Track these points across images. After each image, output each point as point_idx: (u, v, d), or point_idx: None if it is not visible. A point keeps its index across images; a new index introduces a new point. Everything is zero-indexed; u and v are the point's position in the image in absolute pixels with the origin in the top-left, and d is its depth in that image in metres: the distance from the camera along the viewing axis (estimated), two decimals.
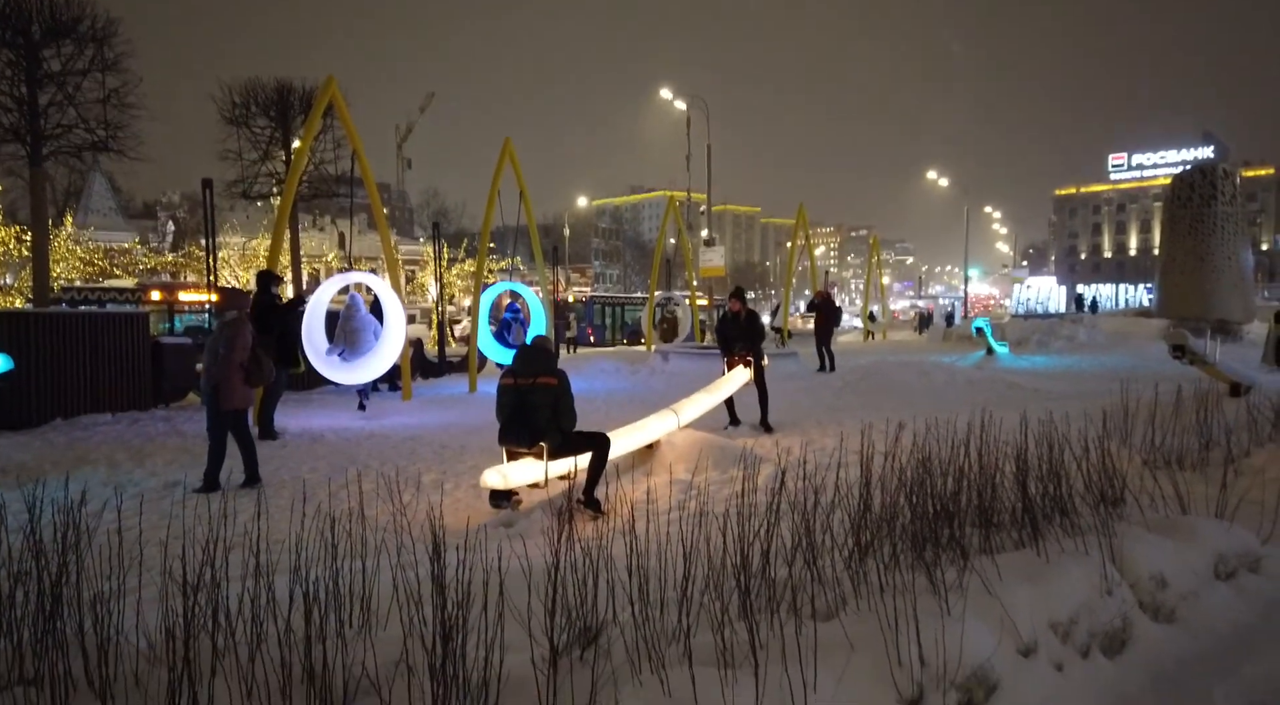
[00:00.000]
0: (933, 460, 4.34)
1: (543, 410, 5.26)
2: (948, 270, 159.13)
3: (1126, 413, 6.85)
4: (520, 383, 5.33)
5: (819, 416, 10.02)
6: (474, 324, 12.89)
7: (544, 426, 5.25)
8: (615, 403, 11.60)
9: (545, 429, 5.26)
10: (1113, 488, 4.46)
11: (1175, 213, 29.66)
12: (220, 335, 6.38)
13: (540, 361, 5.42)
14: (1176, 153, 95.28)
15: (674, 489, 5.93)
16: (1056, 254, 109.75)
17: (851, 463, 4.99)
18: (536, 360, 5.44)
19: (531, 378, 5.31)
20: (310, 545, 2.91)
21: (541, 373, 5.33)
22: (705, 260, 36.62)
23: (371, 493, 6.09)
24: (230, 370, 6.29)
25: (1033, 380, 13.21)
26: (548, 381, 5.30)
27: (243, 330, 6.48)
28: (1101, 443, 4.82)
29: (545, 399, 5.26)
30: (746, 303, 9.32)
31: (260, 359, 6.42)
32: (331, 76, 9.60)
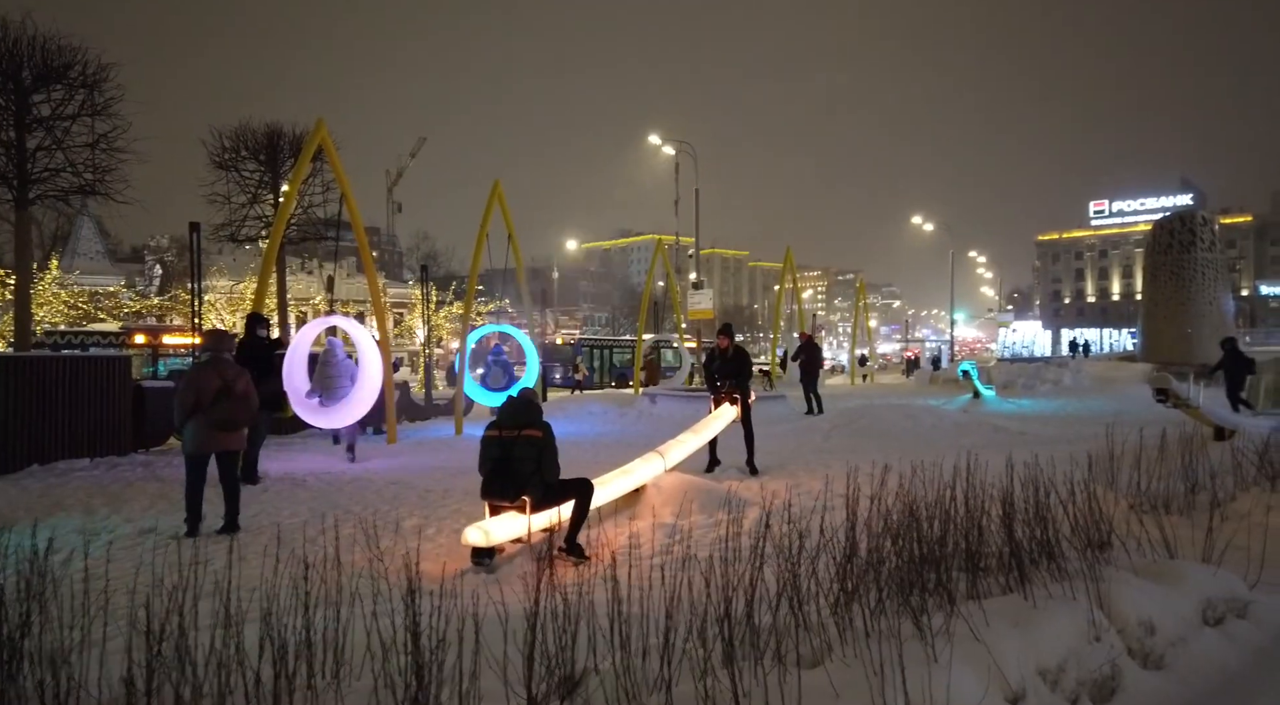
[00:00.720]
0: (919, 504, 4.32)
1: (526, 463, 5.18)
2: (934, 313, 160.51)
3: (1112, 456, 6.85)
4: (505, 435, 5.27)
5: (806, 459, 9.98)
6: (461, 366, 12.86)
7: (527, 479, 5.18)
8: (602, 446, 11.53)
9: (528, 482, 5.19)
10: (1099, 532, 4.44)
11: (1157, 259, 30.21)
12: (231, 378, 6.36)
13: (525, 414, 5.37)
14: (1156, 200, 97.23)
15: (658, 533, 5.86)
16: (1041, 298, 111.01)
17: (837, 506, 4.95)
18: (521, 412, 5.37)
19: (516, 430, 5.25)
20: (283, 593, 2.84)
21: (526, 425, 5.27)
22: (694, 303, 36.82)
23: (351, 538, 6.00)
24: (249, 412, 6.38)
25: (1019, 423, 13.24)
26: (532, 434, 5.23)
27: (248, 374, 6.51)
28: (1088, 486, 4.81)
29: (529, 452, 5.19)
30: (734, 339, 9.34)
31: (241, 401, 6.35)
32: (321, 120, 9.70)
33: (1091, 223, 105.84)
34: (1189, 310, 28.51)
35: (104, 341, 22.39)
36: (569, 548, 5.27)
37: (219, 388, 6.29)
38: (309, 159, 9.84)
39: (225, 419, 6.27)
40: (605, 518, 6.49)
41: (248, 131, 16.90)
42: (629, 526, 6.15)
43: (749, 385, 9.20)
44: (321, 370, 9.84)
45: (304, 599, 2.77)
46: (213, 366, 6.38)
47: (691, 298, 37.49)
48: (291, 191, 9.79)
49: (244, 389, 6.42)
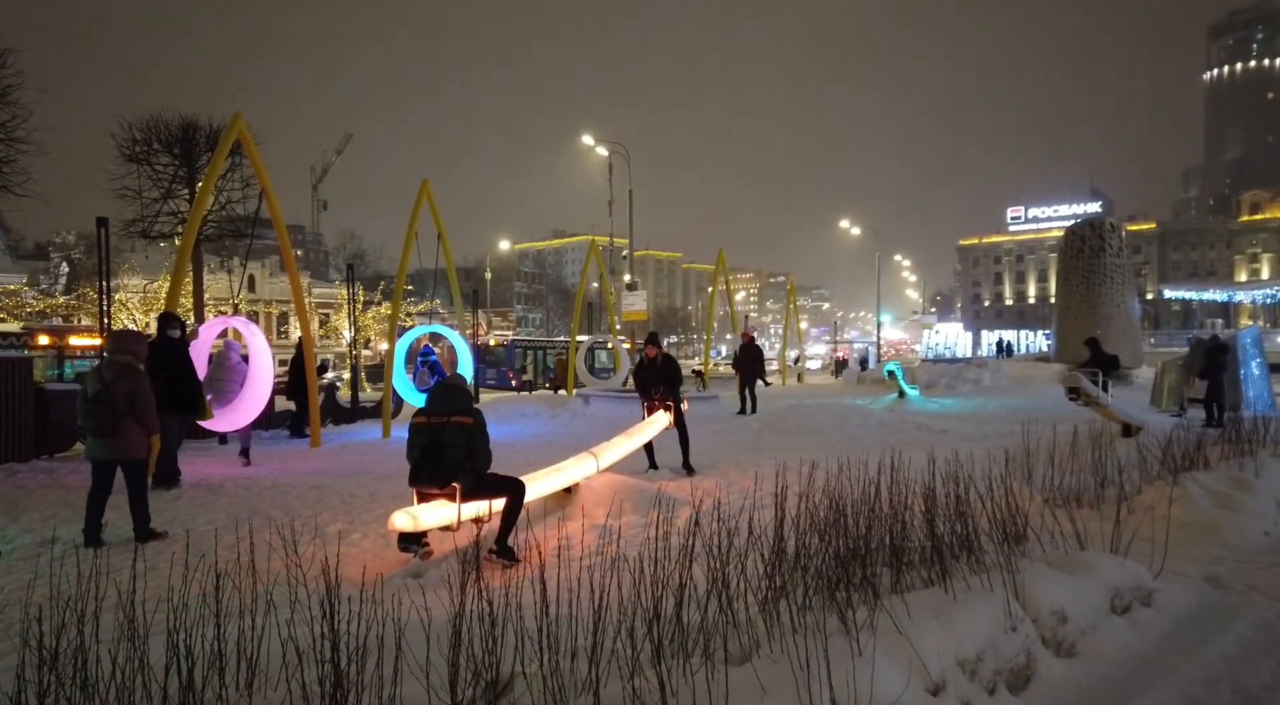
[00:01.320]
0: (845, 500, 4.40)
1: (456, 450, 5.07)
2: (862, 316, 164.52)
3: (1028, 453, 7.12)
4: (434, 421, 5.16)
5: (738, 458, 10.08)
6: (388, 367, 12.57)
7: (457, 467, 5.08)
8: (535, 447, 11.42)
9: (459, 469, 5.08)
10: (1015, 526, 4.60)
11: (1069, 263, 31.55)
12: (109, 379, 5.96)
13: (455, 400, 5.28)
14: (1069, 207, 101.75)
15: (590, 534, 5.81)
16: (962, 301, 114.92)
17: (768, 504, 5.02)
18: (451, 398, 5.27)
19: (445, 416, 5.13)
20: (194, 603, 2.71)
21: (456, 411, 5.16)
22: (628, 304, 36.80)
23: (268, 544, 5.78)
24: (129, 418, 5.89)
25: (941, 422, 13.64)
26: (463, 420, 5.12)
27: (136, 376, 6.02)
28: (1005, 482, 4.97)
29: (459, 438, 5.08)
30: (662, 348, 9.38)
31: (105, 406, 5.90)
32: (239, 112, 9.34)
33: (1009, 228, 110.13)
34: (1099, 313, 29.84)
35: (4, 342, 21.14)
36: (499, 550, 5.19)
37: (96, 391, 5.89)
38: (225, 153, 9.46)
39: (83, 425, 5.93)
40: (536, 519, 6.41)
41: (160, 123, 16.12)
42: (561, 528, 6.09)
43: (680, 392, 9.24)
44: (213, 372, 9.69)
45: (215, 608, 2.65)
46: (95, 369, 6.12)
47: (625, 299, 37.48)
48: (206, 186, 9.37)
49: (122, 392, 5.91)
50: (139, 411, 5.93)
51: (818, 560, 3.66)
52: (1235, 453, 7.19)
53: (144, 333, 8.79)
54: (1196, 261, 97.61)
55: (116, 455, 5.91)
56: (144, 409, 5.97)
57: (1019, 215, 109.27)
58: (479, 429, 5.22)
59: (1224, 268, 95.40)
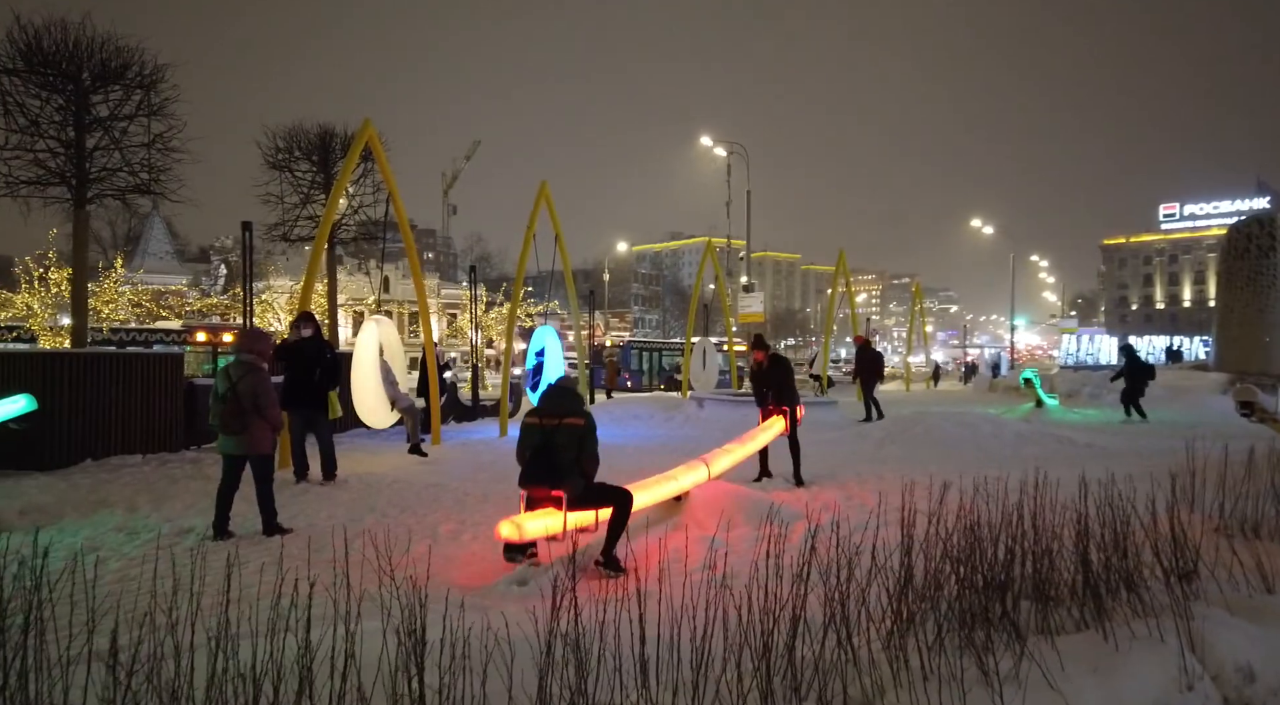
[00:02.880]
0: (982, 524, 3.97)
1: (567, 451, 5.03)
2: (993, 319, 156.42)
3: (1193, 474, 6.35)
4: (545, 423, 5.12)
5: (858, 469, 9.57)
6: (505, 366, 12.74)
7: (567, 469, 5.01)
8: (646, 451, 11.27)
9: (568, 472, 5.01)
10: (1185, 560, 4.02)
11: (1232, 264, 28.77)
12: (235, 378, 6.17)
13: (567, 401, 5.24)
14: (1230, 203, 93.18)
15: (698, 547, 5.57)
16: (1106, 304, 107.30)
17: (892, 521, 4.62)
18: (563, 400, 5.26)
19: (558, 418, 5.10)
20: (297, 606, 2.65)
21: (568, 413, 5.13)
22: (744, 306, 36.33)
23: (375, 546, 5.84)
24: (254, 415, 6.09)
25: (1086, 435, 12.58)
26: (574, 422, 5.10)
27: (259, 374, 6.21)
28: (1171, 508, 4.38)
29: (570, 440, 5.04)
30: (769, 351, 8.99)
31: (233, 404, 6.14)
32: (368, 119, 9.65)
33: (1161, 226, 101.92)
34: (1267, 318, 27.11)
35: (167, 339, 22.99)
36: (605, 562, 5.04)
37: (225, 390, 6.15)
38: (356, 158, 9.81)
39: (215, 423, 6.19)
40: (644, 528, 6.23)
41: (300, 132, 17.12)
42: (669, 538, 5.89)
43: (795, 395, 8.83)
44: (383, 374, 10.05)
45: (306, 616, 2.57)
46: (224, 369, 6.33)
47: (742, 301, 37.00)
48: (337, 190, 9.75)
49: (246, 390, 6.10)
50: (263, 409, 6.11)
51: (950, 592, 3.29)
52: None
53: (270, 332, 9.19)
54: None
55: (243, 450, 6.11)
56: (268, 406, 6.14)
57: (1173, 212, 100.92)
58: (589, 431, 5.15)
59: None
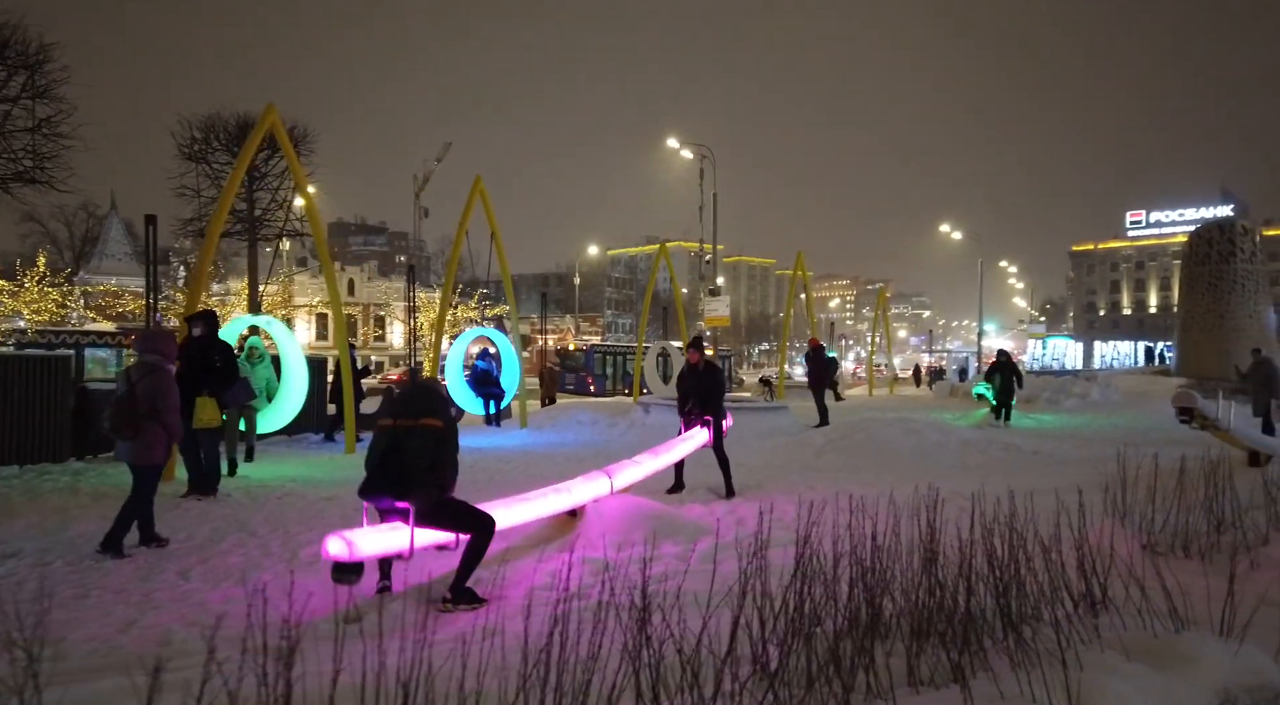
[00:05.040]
0: (864, 547, 3.49)
1: (421, 457, 4.36)
2: (965, 324, 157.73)
3: (1124, 484, 5.93)
4: (399, 424, 4.45)
5: (790, 479, 9.10)
6: (433, 370, 12.13)
7: (418, 477, 4.33)
8: (577, 457, 10.73)
9: (420, 482, 4.33)
10: (1093, 591, 3.56)
11: (1193, 270, 28.88)
12: (134, 380, 5.76)
13: (426, 401, 4.60)
14: (1195, 210, 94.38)
15: (585, 569, 5.04)
16: (1075, 310, 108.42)
17: (788, 542, 4.17)
18: (422, 398, 4.62)
19: (413, 419, 4.44)
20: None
21: (426, 413, 4.47)
22: (710, 310, 35.88)
23: (239, 567, 5.27)
24: (152, 421, 5.68)
25: (1035, 442, 12.23)
26: (431, 424, 4.44)
27: (160, 377, 5.78)
28: (1081, 530, 3.92)
29: (424, 444, 4.38)
30: (705, 353, 8.47)
31: (123, 406, 5.70)
32: (271, 105, 9.01)
33: (1128, 233, 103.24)
34: (1227, 323, 27.23)
35: (100, 341, 22.05)
36: (455, 595, 4.40)
37: (123, 392, 5.79)
38: (254, 147, 9.16)
39: (107, 425, 5.73)
40: (527, 548, 5.70)
41: (218, 122, 16.32)
42: (549, 559, 5.36)
43: (721, 406, 8.26)
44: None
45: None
46: (125, 370, 6.06)
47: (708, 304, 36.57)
48: (234, 179, 9.05)
49: (145, 393, 5.70)
50: (161, 414, 5.72)
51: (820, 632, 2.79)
52: None
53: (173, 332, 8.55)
54: None
55: (131, 458, 5.69)
56: (166, 412, 5.75)
57: (1139, 219, 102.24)
58: (449, 435, 4.52)
59: None
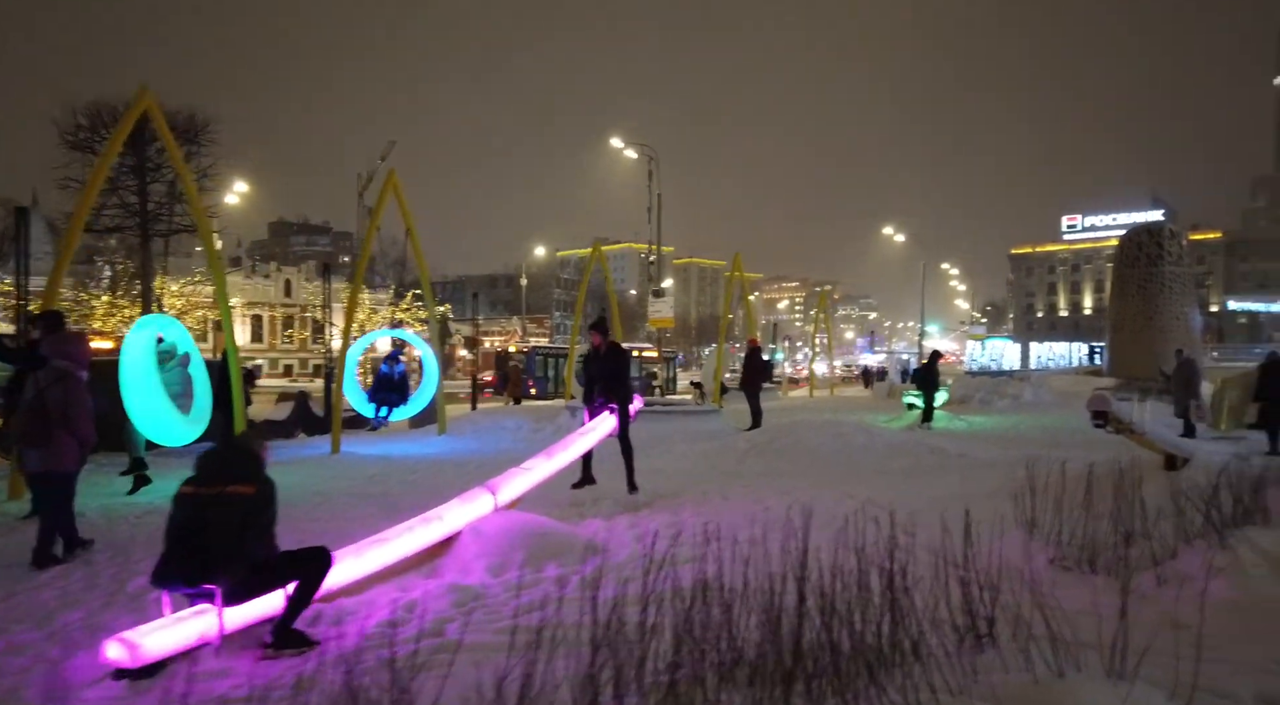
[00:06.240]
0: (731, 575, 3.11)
1: (223, 531, 3.67)
2: (910, 326, 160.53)
3: (1034, 494, 5.66)
4: (201, 492, 3.78)
5: (708, 486, 8.70)
6: (340, 374, 11.50)
7: (221, 558, 3.64)
8: (492, 465, 10.12)
9: (221, 561, 3.64)
10: (977, 625, 3.21)
11: (1123, 272, 29.50)
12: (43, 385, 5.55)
13: (235, 464, 3.96)
14: (1127, 215, 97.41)
15: (445, 600, 4.56)
16: (1015, 311, 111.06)
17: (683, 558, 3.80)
18: (229, 462, 3.97)
19: (219, 486, 3.78)
20: None
21: (234, 479, 3.83)
22: (654, 311, 35.53)
23: (49, 605, 4.64)
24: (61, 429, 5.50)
25: (961, 444, 12.07)
26: (240, 491, 3.78)
27: (71, 383, 5.64)
28: (969, 553, 3.57)
29: (230, 516, 3.71)
30: (608, 336, 8.00)
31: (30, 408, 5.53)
32: (144, 86, 8.23)
33: (1064, 237, 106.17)
34: (1155, 324, 27.83)
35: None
36: (278, 639, 3.76)
37: (31, 398, 5.60)
38: (126, 131, 8.38)
39: (12, 434, 5.82)
40: (394, 573, 5.18)
41: (104, 108, 15.24)
42: (417, 586, 4.86)
43: (629, 390, 7.86)
44: None
45: None
46: (34, 376, 5.76)
47: (652, 306, 36.23)
48: (102, 165, 8.29)
49: (55, 400, 5.52)
50: (71, 421, 5.55)
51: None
52: None
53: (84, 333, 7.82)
54: (1265, 272, 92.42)
55: (45, 466, 5.52)
56: (77, 420, 5.58)
57: (1075, 223, 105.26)
58: (260, 504, 3.82)
59: None
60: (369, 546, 4.67)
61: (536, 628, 3.66)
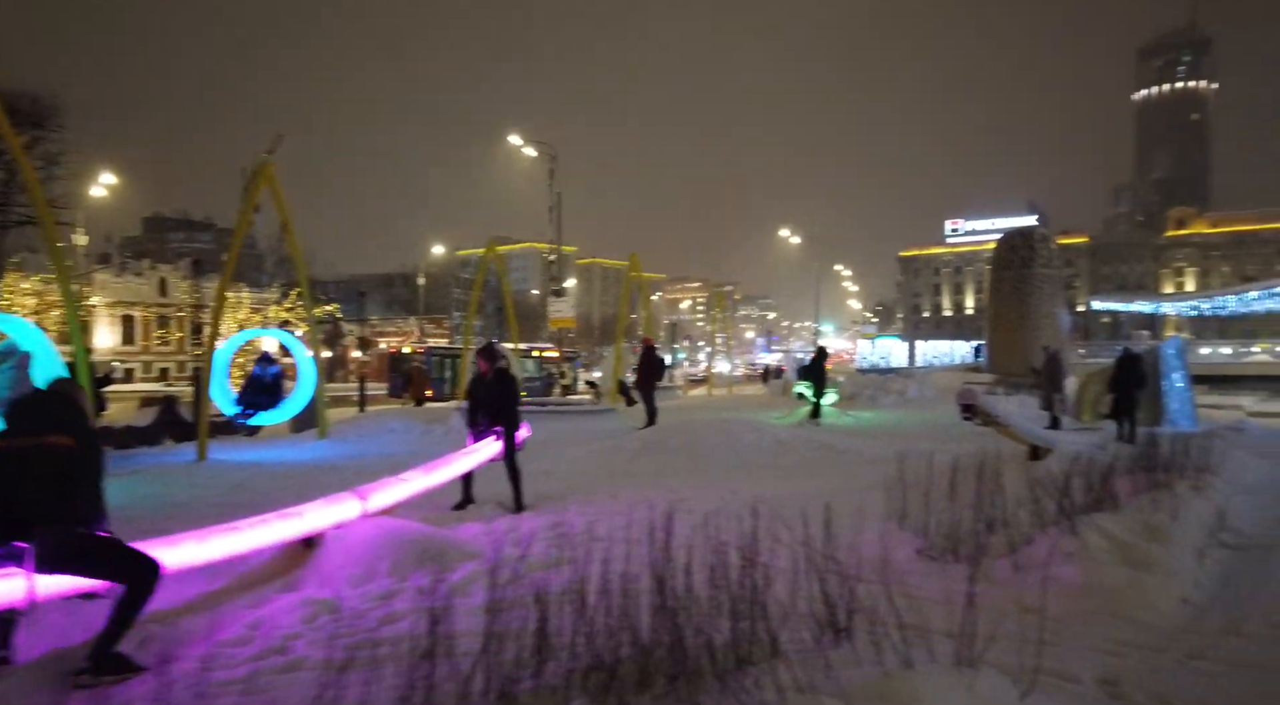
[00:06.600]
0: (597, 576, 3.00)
1: (40, 484, 3.29)
2: (807, 326, 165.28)
3: (904, 485, 5.81)
4: (14, 445, 3.39)
5: (595, 487, 8.60)
6: (204, 375, 10.82)
7: (38, 514, 3.25)
8: (371, 471, 9.73)
9: (39, 517, 3.25)
10: (835, 619, 3.20)
11: (999, 274, 31.09)
12: None
13: (46, 412, 3.55)
14: (1005, 220, 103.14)
15: (296, 615, 4.28)
16: (903, 311, 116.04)
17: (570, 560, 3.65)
18: (41, 411, 3.58)
19: (34, 437, 3.40)
20: None
21: (50, 428, 3.44)
22: (555, 311, 35.21)
23: None
24: None
25: (847, 440, 12.41)
26: (60, 442, 3.39)
27: None
28: (828, 547, 3.58)
29: (47, 470, 3.33)
30: (496, 363, 7.79)
31: None
32: None
33: (948, 240, 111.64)
34: (1028, 323, 29.40)
35: None
36: (98, 663, 3.33)
37: None
38: None
39: None
40: (245, 587, 4.85)
41: None
42: (272, 601, 4.55)
43: (516, 418, 7.60)
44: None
45: None
46: None
47: (552, 305, 35.91)
48: None
49: None
50: None
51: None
52: (1149, 485, 5.95)
53: None
54: (1125, 275, 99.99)
55: None
56: None
57: (957, 227, 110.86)
58: (83, 456, 3.45)
59: (1151, 281, 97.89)
60: (215, 533, 4.32)
61: (372, 643, 3.47)
